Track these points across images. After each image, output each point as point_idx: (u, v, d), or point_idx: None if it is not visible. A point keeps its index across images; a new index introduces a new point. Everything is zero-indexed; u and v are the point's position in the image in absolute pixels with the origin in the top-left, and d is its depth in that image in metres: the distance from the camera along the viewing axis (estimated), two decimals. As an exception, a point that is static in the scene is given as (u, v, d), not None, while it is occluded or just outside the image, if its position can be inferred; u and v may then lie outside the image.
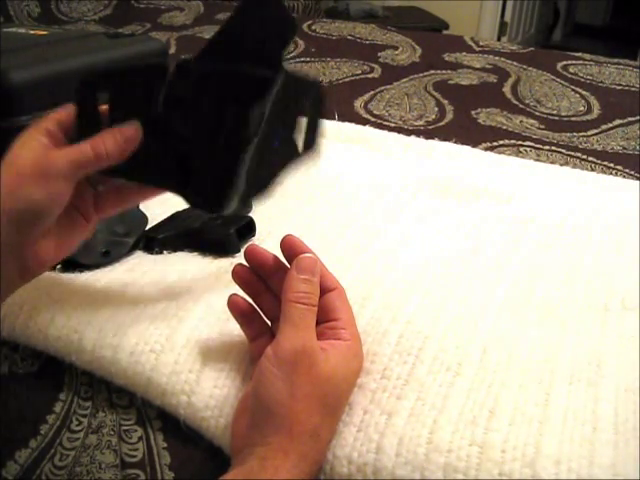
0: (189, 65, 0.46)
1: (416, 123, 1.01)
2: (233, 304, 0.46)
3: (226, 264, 0.57)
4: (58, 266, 0.55)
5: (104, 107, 0.46)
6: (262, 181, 0.46)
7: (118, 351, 0.48)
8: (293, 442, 0.38)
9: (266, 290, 0.47)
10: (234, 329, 0.48)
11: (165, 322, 0.50)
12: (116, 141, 0.43)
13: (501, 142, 0.94)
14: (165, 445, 0.44)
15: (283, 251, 0.46)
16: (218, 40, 0.47)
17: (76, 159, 0.42)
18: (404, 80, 1.21)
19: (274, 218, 0.64)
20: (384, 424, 0.42)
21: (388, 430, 0.41)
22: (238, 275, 0.47)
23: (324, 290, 0.45)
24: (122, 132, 0.44)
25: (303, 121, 0.49)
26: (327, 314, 0.44)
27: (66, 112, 0.45)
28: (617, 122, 1.04)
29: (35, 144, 0.43)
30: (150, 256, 0.59)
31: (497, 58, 1.34)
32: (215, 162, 0.45)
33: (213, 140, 0.45)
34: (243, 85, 0.45)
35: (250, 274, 0.47)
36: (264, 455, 0.38)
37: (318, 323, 0.44)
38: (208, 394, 0.45)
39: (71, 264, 0.54)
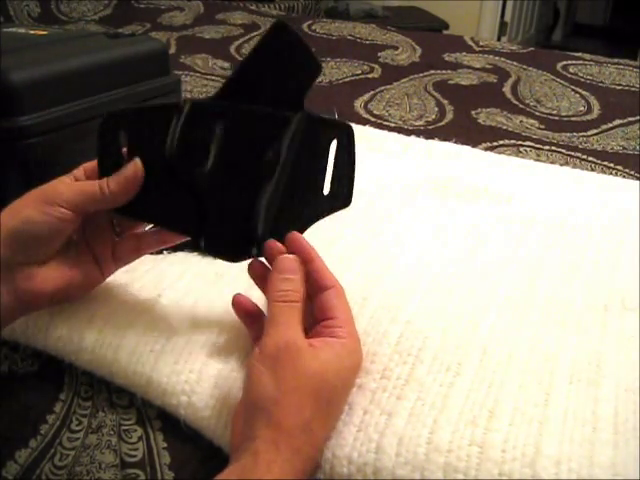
0: (205, 106, 0.45)
1: (416, 123, 1.01)
2: (237, 304, 0.47)
3: (226, 264, 0.57)
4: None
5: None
6: (286, 228, 0.45)
7: (118, 351, 0.48)
8: (283, 435, 0.38)
9: None
10: (235, 329, 0.48)
11: (165, 322, 0.50)
12: (118, 180, 0.45)
13: (501, 142, 0.94)
14: (165, 445, 0.44)
15: (287, 248, 0.46)
16: (237, 79, 0.45)
17: (80, 191, 0.45)
18: (404, 80, 1.21)
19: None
20: (384, 424, 0.42)
21: (388, 430, 0.41)
22: (254, 269, 0.47)
23: (322, 288, 0.45)
24: (122, 171, 0.46)
25: (331, 167, 0.47)
26: (324, 312, 0.44)
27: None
28: (617, 122, 1.04)
29: (55, 181, 0.46)
30: (150, 256, 0.59)
31: (497, 58, 1.34)
32: (231, 208, 0.45)
33: (228, 184, 0.44)
34: (259, 127, 0.44)
35: (265, 269, 0.47)
36: (256, 449, 0.38)
37: (316, 321, 0.44)
38: (208, 394, 0.45)
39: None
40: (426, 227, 0.65)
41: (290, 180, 0.45)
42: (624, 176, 0.84)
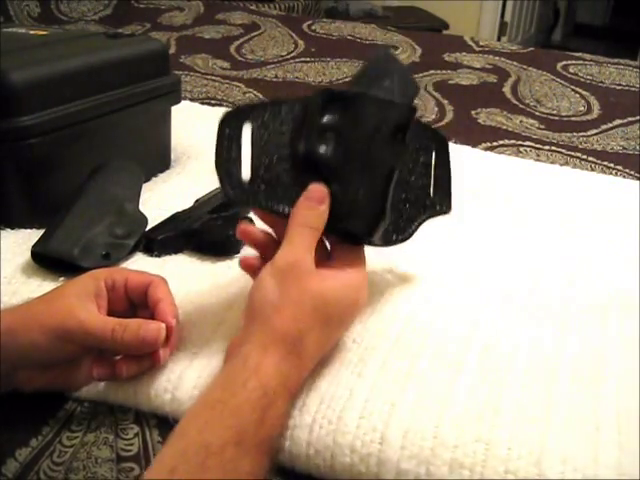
0: (336, 93, 0.47)
1: (416, 123, 1.01)
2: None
3: (224, 267, 0.57)
4: (61, 278, 0.54)
5: None
6: (400, 224, 0.50)
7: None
8: (275, 340, 0.40)
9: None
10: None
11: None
12: (136, 334, 0.44)
13: (501, 142, 0.94)
14: (160, 439, 0.44)
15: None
16: (359, 80, 0.50)
17: (87, 333, 0.43)
18: (404, 80, 1.21)
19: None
20: (388, 413, 0.41)
21: (393, 420, 0.41)
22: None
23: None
24: (145, 328, 0.44)
25: (431, 173, 0.52)
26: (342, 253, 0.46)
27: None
28: (617, 122, 1.04)
29: (69, 309, 0.44)
30: (150, 258, 0.59)
31: (497, 58, 1.34)
32: (358, 194, 0.46)
33: (355, 171, 0.46)
34: (390, 114, 0.47)
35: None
36: (247, 353, 0.40)
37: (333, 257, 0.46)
38: (192, 385, 0.44)
39: (72, 268, 0.54)
40: (426, 227, 0.65)
41: (408, 174, 0.50)
42: (624, 176, 0.84)
